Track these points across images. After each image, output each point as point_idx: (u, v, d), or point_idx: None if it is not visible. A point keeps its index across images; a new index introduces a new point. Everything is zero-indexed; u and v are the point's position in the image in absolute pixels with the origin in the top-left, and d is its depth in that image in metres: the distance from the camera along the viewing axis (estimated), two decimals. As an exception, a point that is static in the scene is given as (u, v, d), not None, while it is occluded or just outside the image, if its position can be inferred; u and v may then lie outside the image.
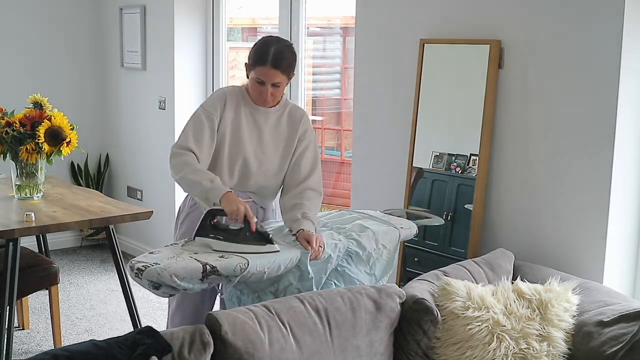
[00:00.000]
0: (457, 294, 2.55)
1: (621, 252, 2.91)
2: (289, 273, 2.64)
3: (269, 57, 2.73)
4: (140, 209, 3.67)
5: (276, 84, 2.78)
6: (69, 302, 4.56)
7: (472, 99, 3.19)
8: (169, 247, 2.63)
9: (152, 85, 5.26)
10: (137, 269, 2.41)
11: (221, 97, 2.85)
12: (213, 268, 2.43)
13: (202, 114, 2.83)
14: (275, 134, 2.89)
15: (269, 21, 5.14)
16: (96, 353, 2.02)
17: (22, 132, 3.53)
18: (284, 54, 2.76)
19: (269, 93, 2.79)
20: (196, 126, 2.81)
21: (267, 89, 2.78)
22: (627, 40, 2.73)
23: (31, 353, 3.83)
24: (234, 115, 2.84)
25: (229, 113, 2.83)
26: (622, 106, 2.77)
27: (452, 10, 3.30)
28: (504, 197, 3.17)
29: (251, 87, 2.83)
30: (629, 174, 2.87)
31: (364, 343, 2.45)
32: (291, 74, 2.82)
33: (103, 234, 5.28)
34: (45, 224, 3.27)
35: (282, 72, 2.76)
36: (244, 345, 2.19)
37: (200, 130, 2.79)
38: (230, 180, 2.86)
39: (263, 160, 2.88)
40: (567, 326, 2.54)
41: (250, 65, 2.80)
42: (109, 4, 5.56)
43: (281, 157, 2.90)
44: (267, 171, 2.90)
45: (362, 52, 3.75)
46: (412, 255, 3.41)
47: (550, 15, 2.94)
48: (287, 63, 2.77)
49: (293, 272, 2.64)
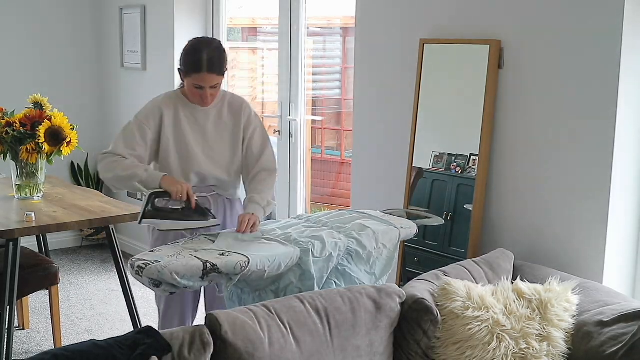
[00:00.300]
0: (457, 294, 2.55)
1: (621, 252, 2.91)
2: (290, 272, 2.65)
3: (204, 64, 2.80)
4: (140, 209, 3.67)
5: (214, 86, 2.87)
6: (69, 302, 4.56)
7: (472, 99, 3.19)
8: (169, 246, 2.64)
9: (152, 85, 5.26)
10: (138, 267, 2.42)
11: (155, 108, 2.93)
12: (213, 266, 2.44)
13: (134, 123, 2.91)
14: (218, 127, 2.97)
15: (269, 21, 5.14)
16: (96, 353, 2.02)
17: (23, 132, 3.54)
18: (216, 57, 2.84)
19: (209, 95, 2.87)
20: (126, 135, 2.89)
21: (207, 92, 2.86)
22: (627, 40, 2.73)
23: (31, 353, 3.83)
24: (174, 120, 2.92)
25: (168, 121, 2.91)
26: (622, 106, 2.77)
27: (452, 10, 3.30)
28: (504, 197, 3.17)
29: (190, 92, 2.90)
30: (629, 174, 2.87)
31: (364, 343, 2.45)
32: (225, 71, 2.90)
33: (103, 234, 5.28)
34: (46, 224, 3.28)
35: (218, 74, 2.85)
36: (244, 345, 2.19)
37: (132, 138, 2.87)
38: (188, 182, 2.90)
39: (213, 155, 2.95)
40: (567, 326, 2.54)
41: (185, 72, 2.87)
42: (109, 4, 5.57)
43: (230, 148, 2.98)
44: (220, 164, 2.97)
45: (362, 52, 3.75)
46: (412, 255, 3.41)
47: (550, 15, 2.94)
48: (220, 65, 2.86)
49: (294, 270, 2.65)
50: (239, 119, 3.00)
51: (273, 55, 4.84)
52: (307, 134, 4.64)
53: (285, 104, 4.54)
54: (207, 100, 2.90)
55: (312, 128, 4.92)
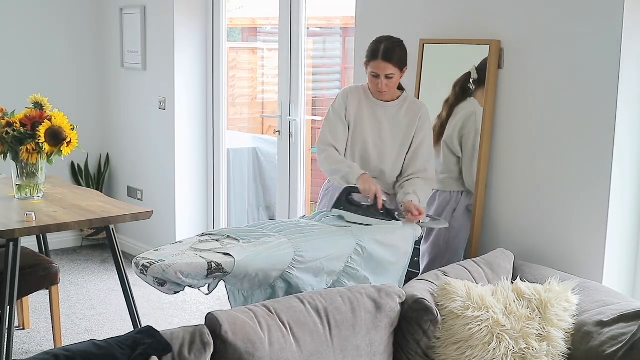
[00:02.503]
0: (457, 294, 2.55)
1: (621, 252, 2.92)
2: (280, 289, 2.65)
3: (380, 52, 3.02)
4: (140, 208, 3.67)
5: (389, 76, 3.02)
6: (69, 302, 4.56)
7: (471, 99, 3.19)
8: (173, 245, 2.64)
9: (152, 86, 5.26)
10: (142, 265, 2.42)
11: (344, 94, 3.20)
12: (218, 265, 2.44)
13: (331, 111, 3.19)
14: (393, 124, 3.14)
15: (269, 21, 5.15)
16: (96, 353, 2.02)
17: (23, 132, 3.53)
18: (393, 48, 3.04)
19: (384, 84, 3.04)
20: (330, 123, 3.17)
21: (382, 81, 3.04)
22: (626, 40, 2.73)
23: (32, 353, 3.83)
24: (357, 108, 3.15)
25: (352, 106, 3.15)
26: (622, 106, 2.77)
27: (452, 10, 3.30)
28: (504, 197, 3.17)
29: (369, 81, 3.11)
30: (629, 174, 2.88)
31: (364, 343, 2.45)
32: (404, 68, 3.08)
33: (103, 234, 5.28)
34: (46, 224, 3.27)
35: (394, 64, 3.02)
36: (244, 345, 2.19)
37: (334, 125, 3.15)
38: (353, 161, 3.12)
39: (381, 148, 3.14)
40: (566, 326, 2.54)
41: (366, 61, 3.09)
42: (110, 4, 5.57)
43: (399, 147, 3.14)
44: (386, 158, 3.15)
45: (362, 52, 3.75)
46: (412, 255, 3.40)
47: (550, 15, 2.94)
48: (397, 56, 3.03)
49: (282, 288, 2.65)
50: (413, 122, 3.13)
51: (273, 55, 4.85)
52: (307, 134, 4.64)
53: (285, 104, 4.54)
54: (381, 88, 3.06)
55: (312, 128, 4.92)
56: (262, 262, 2.55)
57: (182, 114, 5.08)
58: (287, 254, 2.61)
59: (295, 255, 2.61)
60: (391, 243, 2.87)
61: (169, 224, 5.19)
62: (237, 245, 2.60)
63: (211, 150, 5.19)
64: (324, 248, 2.70)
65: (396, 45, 3.06)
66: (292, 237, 2.69)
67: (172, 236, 5.05)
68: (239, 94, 5.48)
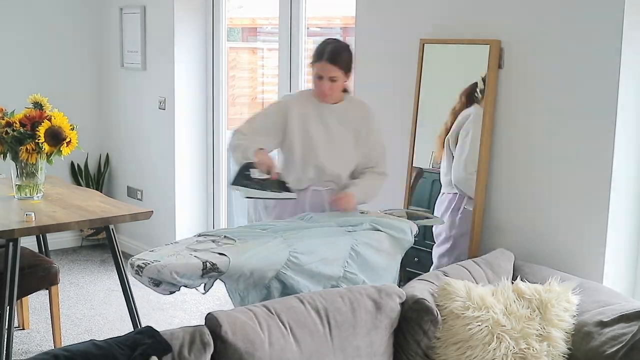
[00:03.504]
0: (457, 294, 2.55)
1: (621, 252, 2.92)
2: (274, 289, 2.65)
3: (325, 53, 2.99)
4: (140, 209, 3.67)
5: (333, 79, 3.00)
6: (69, 302, 4.56)
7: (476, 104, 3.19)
8: (169, 245, 2.64)
9: (152, 85, 5.26)
10: (138, 266, 2.42)
11: (283, 104, 3.16)
12: (213, 265, 2.44)
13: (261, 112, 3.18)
14: (342, 125, 3.10)
15: (269, 21, 5.14)
16: (96, 353, 2.02)
17: (22, 132, 3.53)
18: (338, 51, 3.02)
19: (327, 87, 3.02)
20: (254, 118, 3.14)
21: (325, 83, 3.02)
22: (626, 40, 2.73)
23: (31, 353, 3.83)
24: (301, 115, 3.07)
25: (294, 115, 3.06)
26: (622, 106, 2.77)
27: (452, 10, 3.30)
28: (504, 197, 3.17)
29: (313, 83, 3.08)
30: (629, 174, 2.88)
31: (364, 343, 2.45)
32: (349, 73, 3.06)
33: (103, 234, 5.28)
34: (45, 224, 3.27)
35: (339, 67, 3.00)
36: (244, 345, 2.19)
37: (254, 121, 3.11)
38: (304, 175, 3.06)
39: (334, 151, 3.08)
40: (567, 326, 2.54)
41: (311, 62, 3.06)
42: (109, 4, 5.57)
43: (352, 147, 3.12)
44: (340, 161, 3.10)
45: (362, 52, 3.75)
46: (412, 255, 3.41)
47: (550, 15, 2.94)
48: (342, 58, 3.01)
49: (277, 288, 2.65)
50: (362, 121, 3.13)
51: (273, 55, 4.84)
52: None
53: (285, 104, 4.54)
54: (325, 90, 3.03)
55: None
56: (257, 262, 2.55)
57: (182, 114, 5.08)
58: (282, 254, 2.61)
59: (290, 255, 2.61)
60: (384, 248, 2.87)
61: (168, 224, 5.18)
62: (233, 245, 2.61)
63: (211, 150, 5.19)
64: (319, 250, 2.70)
65: (343, 48, 3.04)
66: (288, 238, 2.69)
67: (172, 236, 5.04)
68: (239, 94, 5.48)
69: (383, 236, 2.89)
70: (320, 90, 3.05)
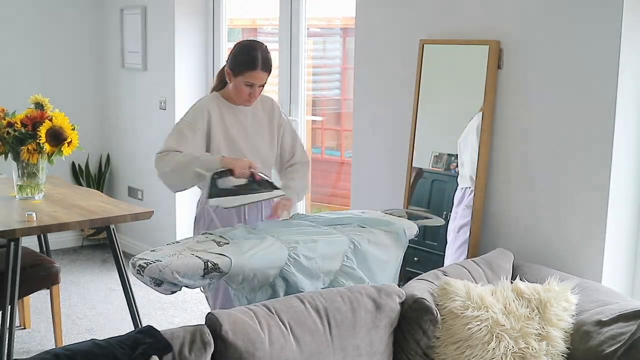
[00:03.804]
0: (457, 294, 2.56)
1: (620, 251, 2.92)
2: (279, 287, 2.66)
3: (259, 62, 2.94)
4: (140, 208, 3.68)
5: (262, 85, 3.00)
6: (70, 302, 4.56)
7: (471, 99, 3.20)
8: (170, 245, 2.65)
9: (152, 86, 5.27)
10: (139, 266, 2.43)
11: (202, 109, 3.02)
12: (214, 265, 2.45)
13: (183, 125, 3.00)
14: (255, 124, 3.11)
15: (269, 22, 5.15)
16: (97, 352, 2.03)
17: (24, 133, 3.54)
18: (269, 57, 2.99)
19: (257, 93, 3.00)
20: (178, 134, 2.96)
21: (256, 90, 2.99)
22: (626, 40, 2.74)
23: (32, 352, 3.84)
24: (220, 120, 3.02)
25: (215, 120, 3.00)
26: (622, 106, 2.77)
27: (452, 11, 3.31)
28: (503, 197, 3.18)
29: (238, 91, 2.99)
30: (628, 174, 2.88)
31: (364, 342, 2.46)
32: None
33: (104, 233, 5.29)
34: (46, 224, 3.28)
35: (269, 74, 2.99)
36: (244, 344, 2.19)
37: (183, 137, 2.94)
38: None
39: (256, 150, 3.07)
40: (566, 325, 2.55)
41: (238, 71, 2.96)
42: (110, 5, 5.57)
43: (268, 142, 3.13)
44: (262, 158, 3.07)
45: (362, 53, 3.76)
46: (412, 255, 3.41)
47: (549, 15, 2.95)
48: (271, 65, 3.00)
49: (282, 286, 2.65)
50: (272, 117, 3.15)
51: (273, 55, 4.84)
52: (307, 134, 4.65)
53: (285, 104, 4.55)
54: (254, 98, 3.02)
55: (312, 128, 4.93)
56: (259, 262, 2.56)
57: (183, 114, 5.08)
58: (283, 252, 2.62)
59: (291, 252, 2.62)
60: (383, 242, 2.87)
61: (169, 224, 5.19)
62: (234, 245, 2.61)
63: (211, 150, 5.19)
64: (318, 247, 2.71)
65: (268, 52, 3.01)
66: (286, 237, 2.70)
67: (173, 236, 5.05)
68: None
69: (380, 231, 2.90)
70: (250, 97, 3.00)
